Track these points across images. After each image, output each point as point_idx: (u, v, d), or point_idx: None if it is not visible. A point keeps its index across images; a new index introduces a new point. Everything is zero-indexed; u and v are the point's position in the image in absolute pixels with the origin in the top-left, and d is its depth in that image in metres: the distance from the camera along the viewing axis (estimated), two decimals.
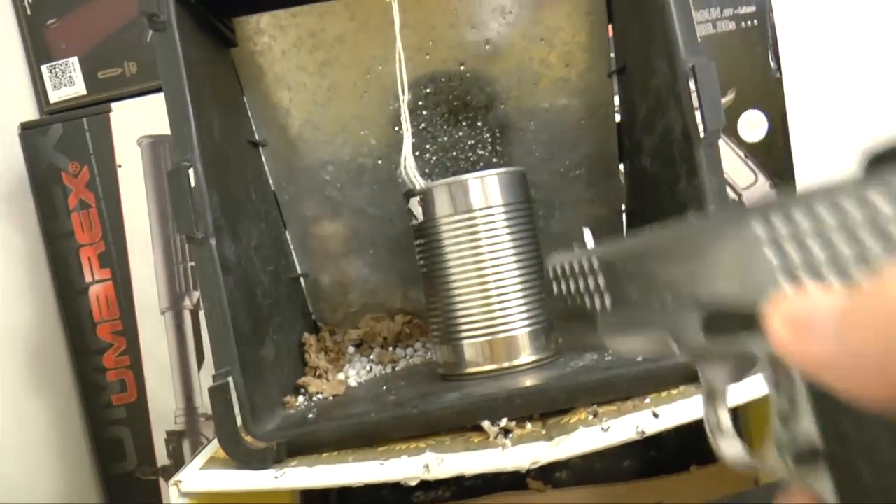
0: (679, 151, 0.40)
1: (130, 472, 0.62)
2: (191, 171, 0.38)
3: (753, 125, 0.63)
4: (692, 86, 0.38)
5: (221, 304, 0.38)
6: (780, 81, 0.63)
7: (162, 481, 0.61)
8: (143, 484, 0.62)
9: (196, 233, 0.37)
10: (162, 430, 0.61)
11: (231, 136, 0.45)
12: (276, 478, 0.36)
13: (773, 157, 0.64)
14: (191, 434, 0.60)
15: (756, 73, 0.63)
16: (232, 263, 0.40)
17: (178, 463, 0.61)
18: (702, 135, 0.37)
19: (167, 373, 0.60)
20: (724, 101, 0.63)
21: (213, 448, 0.40)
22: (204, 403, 0.60)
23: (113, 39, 0.63)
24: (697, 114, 0.38)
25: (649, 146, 0.45)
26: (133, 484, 0.62)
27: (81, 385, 0.61)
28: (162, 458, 0.61)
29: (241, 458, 0.37)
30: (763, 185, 0.64)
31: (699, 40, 0.63)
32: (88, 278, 0.60)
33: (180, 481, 0.36)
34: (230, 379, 0.37)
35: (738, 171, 0.63)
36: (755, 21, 0.63)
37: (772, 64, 0.63)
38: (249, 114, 0.50)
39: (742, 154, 0.63)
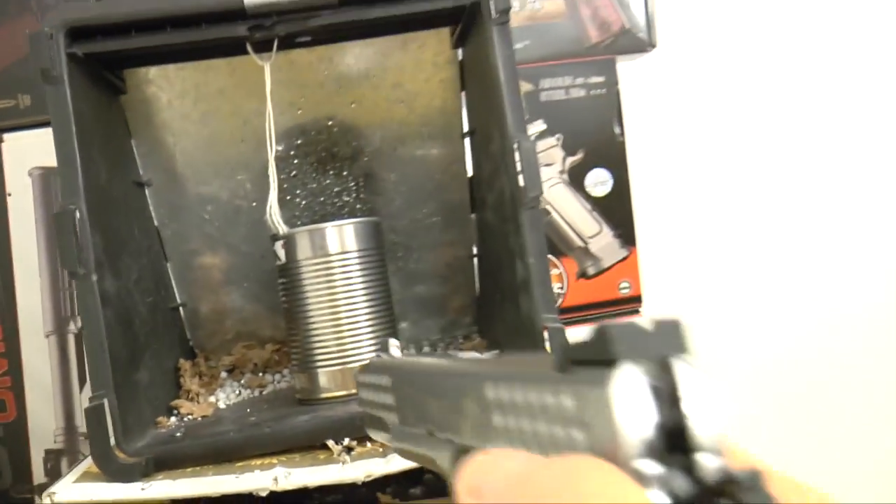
0: (509, 210, 0.47)
1: (5, 490, 0.64)
2: (76, 213, 0.42)
3: (599, 182, 0.71)
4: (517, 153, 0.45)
5: (99, 334, 0.42)
6: (623, 144, 0.72)
7: (37, 499, 0.64)
8: (18, 502, 0.64)
9: (79, 269, 0.42)
10: (41, 448, 0.64)
11: (117, 177, 0.50)
12: (142, 489, 0.40)
13: (617, 211, 0.72)
14: (69, 452, 0.64)
15: (602, 136, 0.71)
16: (111, 296, 0.45)
17: (54, 480, 0.64)
18: (525, 200, 0.44)
19: (49, 393, 0.64)
20: (573, 159, 0.70)
21: (87, 464, 0.45)
22: (84, 423, 0.64)
23: (7, 72, 0.66)
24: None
25: (491, 202, 0.52)
26: (7, 502, 0.65)
27: None
28: (39, 476, 0.64)
29: (112, 472, 0.41)
30: (607, 235, 0.72)
31: (554, 103, 0.71)
32: None
33: (53, 493, 0.40)
34: (105, 401, 0.42)
35: (585, 222, 0.71)
36: (603, 90, 0.71)
37: (616, 129, 0.71)
38: (136, 156, 0.55)
39: (589, 207, 0.71)
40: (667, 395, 0.17)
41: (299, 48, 0.50)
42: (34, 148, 0.64)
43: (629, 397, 0.17)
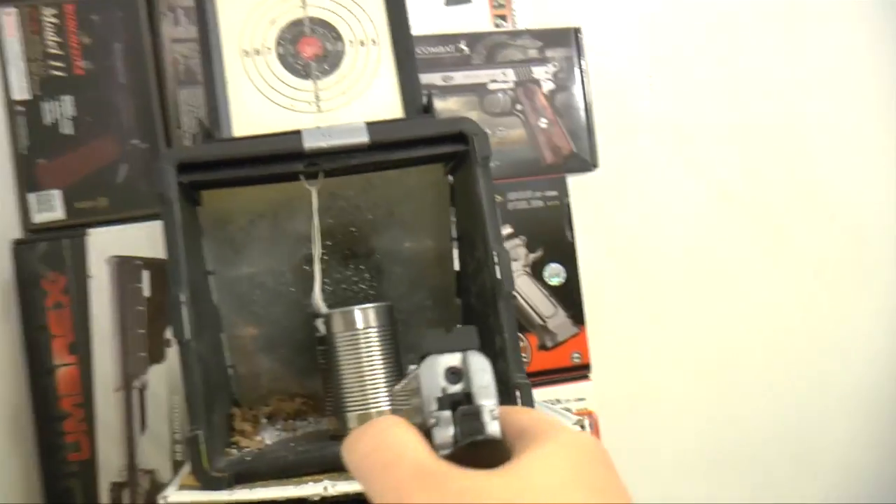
0: (489, 298, 0.65)
1: None
2: (181, 297, 0.59)
3: (555, 273, 0.90)
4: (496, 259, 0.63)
5: (196, 385, 0.59)
6: (573, 244, 0.91)
7: None
8: None
9: (184, 337, 0.59)
10: (107, 481, 0.79)
11: (197, 269, 0.67)
12: (229, 495, 0.56)
13: (569, 297, 0.91)
14: (130, 484, 0.79)
15: (557, 238, 0.90)
16: (200, 357, 0.61)
17: None
18: (502, 293, 0.62)
19: (115, 437, 0.79)
20: (534, 256, 0.89)
21: (181, 477, 0.60)
22: (144, 461, 0.79)
23: (89, 179, 0.83)
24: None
25: (474, 291, 0.70)
26: None
27: (41, 447, 0.79)
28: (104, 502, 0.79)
29: (206, 482, 0.57)
30: (561, 316, 0.90)
31: (518, 211, 0.90)
32: (57, 361, 0.79)
33: (166, 496, 0.56)
34: (199, 432, 0.58)
35: (543, 305, 0.89)
36: (557, 201, 0.90)
37: (567, 232, 0.90)
38: (204, 252, 0.72)
39: (546, 293, 0.90)
40: (459, 371, 0.32)
41: (336, 176, 0.69)
42: (112, 240, 0.81)
43: (426, 374, 0.33)
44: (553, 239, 0.89)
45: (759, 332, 1.07)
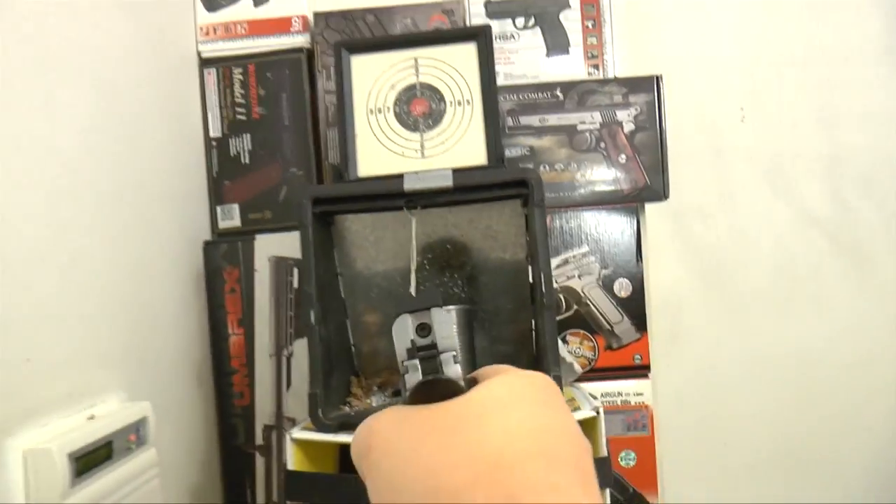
0: (539, 308, 0.84)
1: (238, 446, 1.06)
2: (311, 291, 0.83)
3: (623, 288, 1.07)
4: (542, 279, 0.82)
5: (317, 357, 0.82)
6: (640, 263, 1.08)
7: (257, 454, 1.05)
8: (245, 455, 1.06)
9: (311, 322, 0.82)
10: (261, 423, 1.05)
11: (328, 271, 0.91)
12: (333, 437, 0.79)
13: (634, 307, 1.08)
14: (277, 428, 1.05)
15: (626, 257, 1.07)
16: (323, 337, 0.85)
17: (268, 444, 1.05)
18: (544, 306, 0.81)
19: (268, 390, 1.05)
20: (605, 272, 1.07)
21: (301, 425, 0.84)
22: (288, 410, 1.04)
23: (259, 197, 1.09)
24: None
25: (537, 300, 0.89)
26: (237, 454, 1.06)
27: (217, 392, 1.06)
28: (258, 440, 1.05)
29: (319, 427, 0.81)
30: (627, 323, 1.07)
31: (595, 233, 1.08)
32: (230, 332, 1.06)
33: (291, 433, 0.80)
34: (318, 390, 0.81)
35: (612, 313, 1.07)
36: (629, 227, 1.07)
37: (636, 252, 1.07)
38: (336, 258, 0.95)
39: (615, 303, 1.07)
40: (428, 327, 0.39)
41: (430, 209, 0.90)
42: (272, 243, 1.06)
43: (398, 330, 0.40)
44: (624, 258, 1.06)
45: (837, 348, 1.19)
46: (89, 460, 0.67)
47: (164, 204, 0.97)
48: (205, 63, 1.09)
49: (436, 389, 0.37)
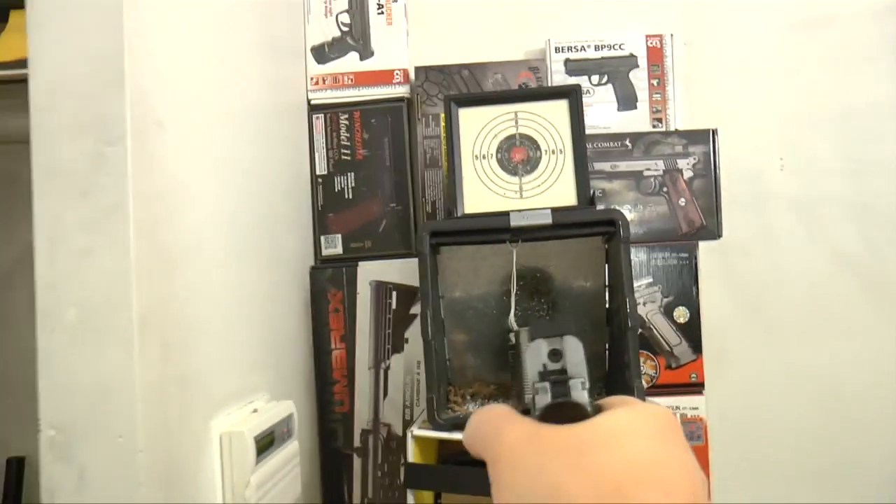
0: (624, 328, 0.97)
1: (337, 448, 1.19)
2: (429, 313, 0.96)
3: (681, 315, 1.21)
4: (628, 305, 0.95)
5: (432, 367, 0.96)
6: (697, 293, 1.21)
7: (354, 456, 1.18)
8: (343, 456, 1.19)
9: (428, 337, 0.96)
10: (359, 428, 1.18)
11: (435, 295, 1.04)
12: (448, 434, 0.93)
13: (691, 332, 1.21)
14: (374, 432, 1.18)
15: (685, 288, 1.21)
16: (435, 350, 0.98)
17: (365, 447, 1.18)
18: (629, 328, 0.95)
19: (366, 398, 1.18)
20: (666, 300, 1.21)
21: (419, 422, 0.97)
22: (384, 417, 1.17)
23: (360, 229, 1.23)
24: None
25: (616, 322, 1.03)
26: (337, 455, 1.19)
27: (319, 400, 1.20)
28: (356, 443, 1.18)
29: (435, 426, 0.94)
30: (684, 345, 1.21)
31: (657, 266, 1.22)
32: (333, 346, 1.19)
33: (412, 430, 0.93)
34: (434, 396, 0.95)
35: (671, 336, 1.21)
36: (687, 261, 1.22)
37: (693, 284, 1.21)
38: (440, 284, 1.09)
39: (674, 328, 1.21)
40: (559, 353, 0.40)
41: (530, 242, 1.04)
42: (373, 270, 1.20)
43: (531, 354, 0.40)
44: (682, 288, 1.20)
45: (864, 370, 1.32)
46: (262, 444, 0.81)
47: (284, 234, 1.11)
48: (313, 109, 1.24)
49: (564, 412, 0.39)
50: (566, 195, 1.04)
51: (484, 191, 1.04)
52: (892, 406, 1.31)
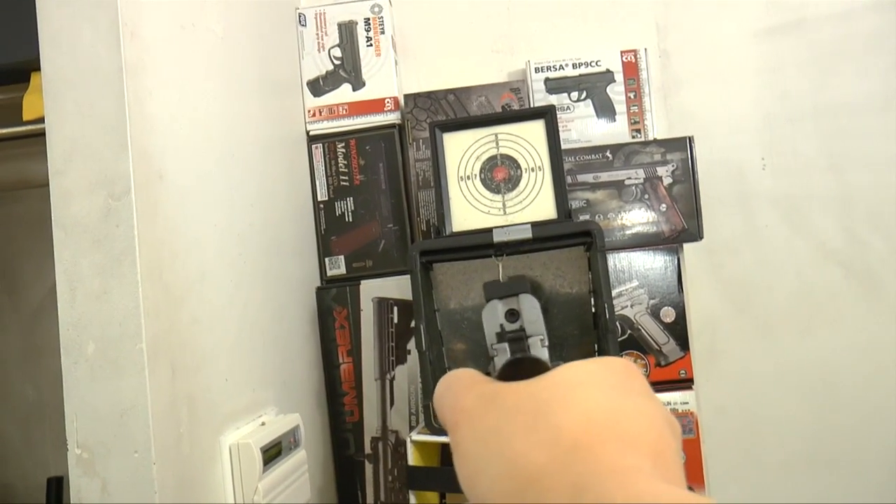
0: (602, 332, 1.05)
1: (350, 455, 1.27)
2: (421, 326, 1.04)
3: (667, 314, 1.28)
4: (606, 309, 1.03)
5: (427, 377, 1.03)
6: (683, 294, 1.28)
7: (366, 462, 1.26)
8: (355, 462, 1.27)
9: (422, 349, 1.03)
10: (369, 436, 1.27)
11: (428, 308, 1.12)
12: (446, 437, 1.00)
13: (678, 330, 1.28)
14: (384, 439, 1.26)
15: (670, 289, 1.28)
16: (431, 360, 1.06)
17: (376, 453, 1.26)
18: (608, 329, 1.02)
19: (374, 407, 1.26)
20: (653, 301, 1.28)
21: (419, 428, 1.05)
22: (391, 424, 1.26)
23: (361, 249, 1.32)
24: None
25: (600, 326, 1.10)
26: (349, 462, 1.27)
27: (330, 411, 1.28)
28: (367, 450, 1.26)
29: (433, 431, 1.01)
30: (672, 343, 1.28)
31: (642, 270, 1.29)
32: (341, 361, 1.28)
33: (411, 436, 1.01)
34: (430, 402, 1.02)
35: (659, 335, 1.28)
36: (671, 263, 1.28)
37: (677, 284, 1.28)
38: (434, 298, 1.17)
39: (661, 327, 1.28)
40: (517, 312, 0.40)
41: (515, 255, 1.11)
42: (374, 287, 1.28)
43: (488, 316, 0.42)
44: (667, 289, 1.27)
45: (852, 362, 1.38)
46: (269, 455, 0.89)
47: (290, 259, 1.20)
48: (312, 139, 1.33)
49: (524, 370, 0.38)
50: (546, 209, 1.11)
51: (470, 209, 1.12)
52: (883, 396, 1.36)
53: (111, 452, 0.69)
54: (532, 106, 1.30)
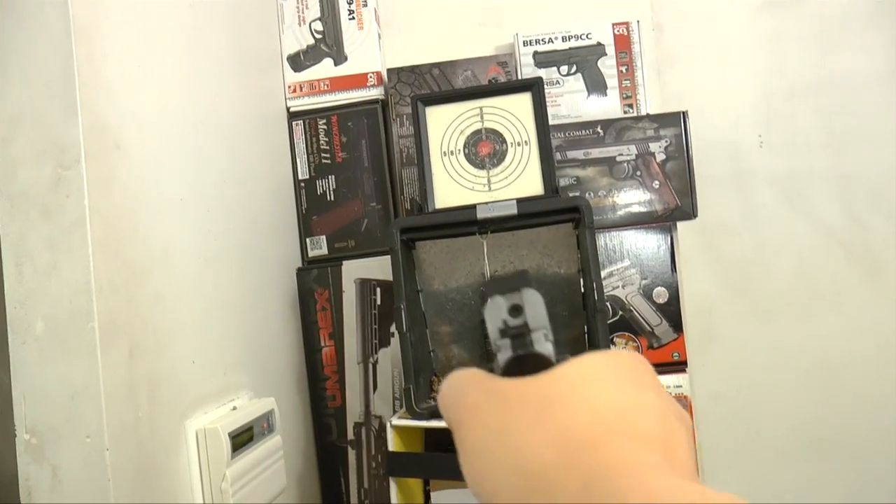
0: (592, 312, 1.00)
1: (332, 441, 1.23)
2: (402, 306, 1.00)
3: (660, 295, 1.23)
4: (594, 288, 0.98)
5: (408, 359, 0.99)
6: (676, 273, 1.24)
7: (348, 448, 1.22)
8: (337, 448, 1.23)
9: (403, 330, 0.99)
10: (351, 421, 1.23)
11: (412, 289, 1.08)
12: (426, 423, 0.96)
13: (671, 311, 1.24)
14: (366, 424, 1.22)
15: (663, 268, 1.24)
16: (411, 342, 1.02)
17: (359, 439, 1.22)
18: (597, 308, 0.98)
19: (357, 392, 1.22)
20: (645, 282, 1.23)
21: (399, 413, 1.01)
22: (375, 408, 1.22)
23: (344, 228, 1.27)
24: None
25: (589, 307, 1.06)
26: (331, 448, 1.23)
27: (312, 396, 1.24)
28: (349, 435, 1.23)
29: (414, 415, 0.97)
30: (665, 325, 1.23)
31: (634, 249, 1.24)
32: (322, 344, 1.24)
33: (391, 420, 0.97)
34: (411, 386, 0.98)
35: (651, 317, 1.23)
36: (664, 242, 1.24)
37: (671, 264, 1.24)
38: (417, 278, 1.13)
39: (654, 309, 1.23)
40: (520, 308, 0.38)
41: (499, 233, 1.07)
42: (357, 268, 1.24)
43: (490, 312, 0.38)
44: (660, 269, 1.23)
45: (852, 345, 1.34)
46: (239, 440, 0.85)
47: (267, 238, 1.15)
48: (293, 116, 1.28)
49: (528, 366, 0.37)
50: (533, 185, 1.07)
51: (453, 185, 1.08)
52: (882, 378, 1.32)
53: (62, 437, 0.65)
54: (514, 80, 1.25)
